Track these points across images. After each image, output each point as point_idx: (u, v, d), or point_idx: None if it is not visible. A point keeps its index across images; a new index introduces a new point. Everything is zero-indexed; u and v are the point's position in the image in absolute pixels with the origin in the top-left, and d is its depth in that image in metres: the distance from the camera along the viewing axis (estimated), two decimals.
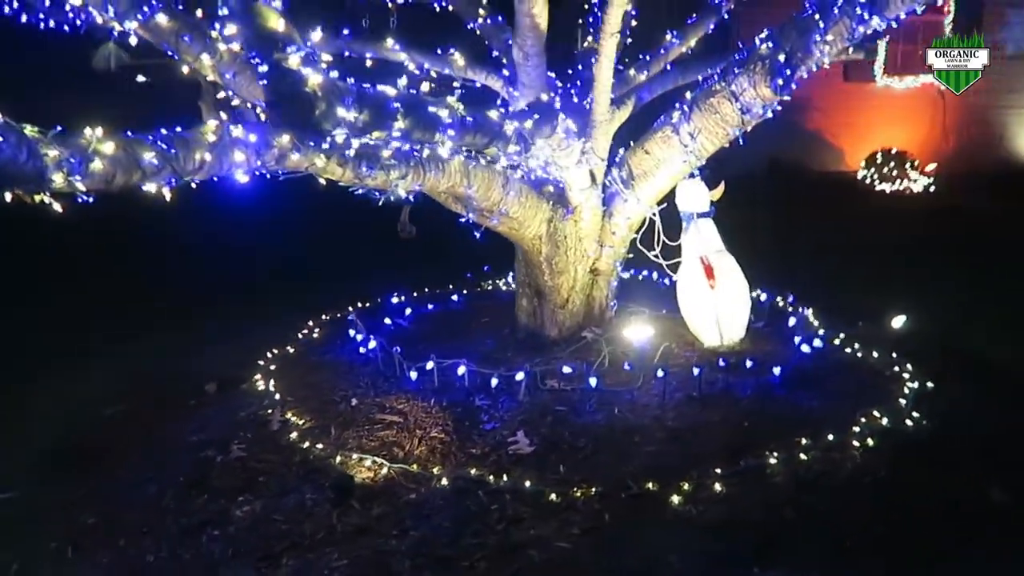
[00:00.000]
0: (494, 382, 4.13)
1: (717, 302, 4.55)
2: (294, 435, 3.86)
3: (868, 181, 10.95)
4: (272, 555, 3.04)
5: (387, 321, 5.31)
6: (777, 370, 4.22)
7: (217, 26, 3.73)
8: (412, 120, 2.65)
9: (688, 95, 4.39)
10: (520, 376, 4.10)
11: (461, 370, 4.18)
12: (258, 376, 4.59)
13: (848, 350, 4.71)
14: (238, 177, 2.80)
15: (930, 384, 4.21)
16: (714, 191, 4.73)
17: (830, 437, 3.57)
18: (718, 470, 3.36)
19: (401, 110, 2.61)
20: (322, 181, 3.52)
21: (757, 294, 5.33)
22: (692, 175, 4.64)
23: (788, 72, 4.09)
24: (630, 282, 5.47)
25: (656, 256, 4.82)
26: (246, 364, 4.77)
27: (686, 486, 3.26)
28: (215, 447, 3.83)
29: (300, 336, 5.22)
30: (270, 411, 4.13)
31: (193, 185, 2.74)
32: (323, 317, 5.49)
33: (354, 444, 3.76)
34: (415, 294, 5.85)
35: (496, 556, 2.93)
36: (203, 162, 2.64)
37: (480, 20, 4.76)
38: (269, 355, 4.89)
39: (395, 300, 5.65)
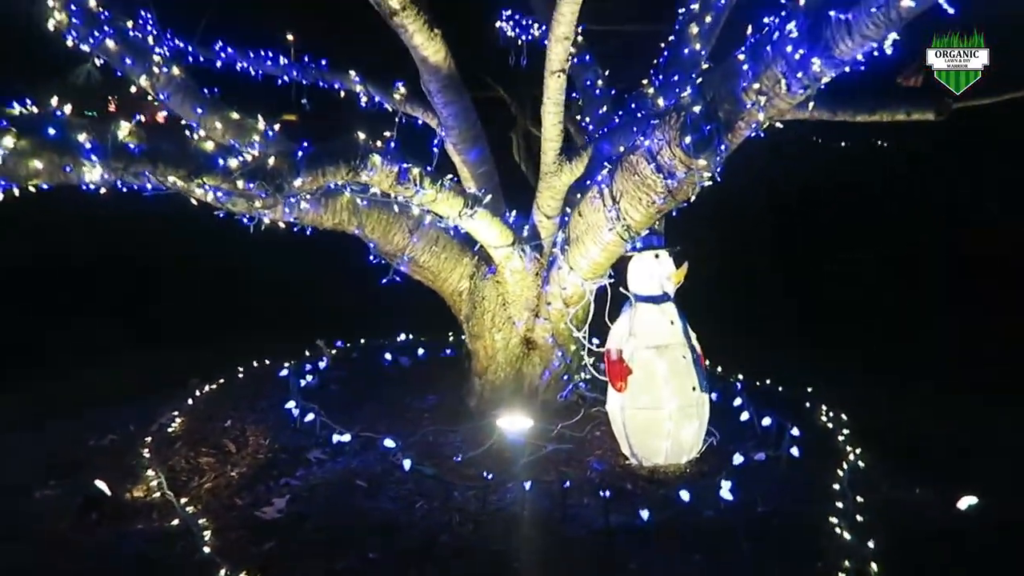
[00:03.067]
0: (335, 438, 3.81)
1: (625, 411, 3.60)
2: (148, 439, 4.01)
3: None
4: None
5: (387, 357, 5.19)
6: (646, 514, 3.20)
7: (158, 51, 4.09)
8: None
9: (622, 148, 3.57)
10: (347, 437, 3.72)
11: (309, 417, 3.94)
12: (222, 380, 4.84)
13: (829, 519, 3.35)
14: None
15: None
16: (676, 273, 3.74)
17: None
18: None
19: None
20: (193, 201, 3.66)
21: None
22: (638, 248, 3.72)
23: (708, 128, 3.10)
24: None
25: (582, 337, 3.96)
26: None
27: None
28: (103, 430, 4.17)
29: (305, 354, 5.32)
30: (174, 412, 4.34)
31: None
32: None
33: (175, 461, 3.79)
34: (433, 336, 5.58)
35: None
36: (37, 170, 2.78)
37: None
38: (253, 364, 5.12)
39: (405, 337, 5.47)
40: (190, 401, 4.48)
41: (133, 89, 4.18)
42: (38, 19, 4.04)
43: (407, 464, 3.54)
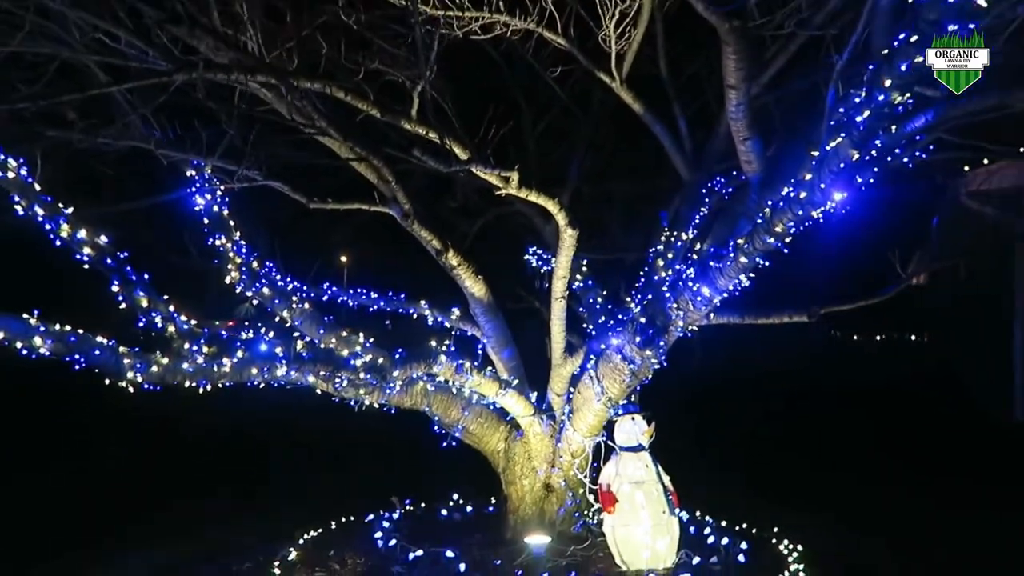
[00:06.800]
0: (411, 555, 5.36)
1: (615, 528, 5.11)
2: (277, 562, 5.57)
3: None
4: None
5: (444, 512, 6.75)
6: None
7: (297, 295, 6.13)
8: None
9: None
10: (419, 553, 5.28)
11: (392, 542, 5.52)
12: (320, 529, 6.43)
13: None
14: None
15: None
16: (647, 430, 5.39)
17: None
18: None
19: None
20: (318, 391, 5.49)
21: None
22: (619, 412, 5.40)
23: (651, 332, 4.92)
24: None
25: (584, 479, 5.55)
26: None
27: None
28: (243, 559, 5.74)
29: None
30: (290, 548, 5.91)
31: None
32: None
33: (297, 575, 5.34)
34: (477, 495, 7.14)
35: None
36: (224, 372, 4.68)
37: None
38: (342, 519, 6.72)
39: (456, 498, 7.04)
40: (300, 541, 6.06)
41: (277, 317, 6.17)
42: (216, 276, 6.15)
43: (462, 567, 5.06)
